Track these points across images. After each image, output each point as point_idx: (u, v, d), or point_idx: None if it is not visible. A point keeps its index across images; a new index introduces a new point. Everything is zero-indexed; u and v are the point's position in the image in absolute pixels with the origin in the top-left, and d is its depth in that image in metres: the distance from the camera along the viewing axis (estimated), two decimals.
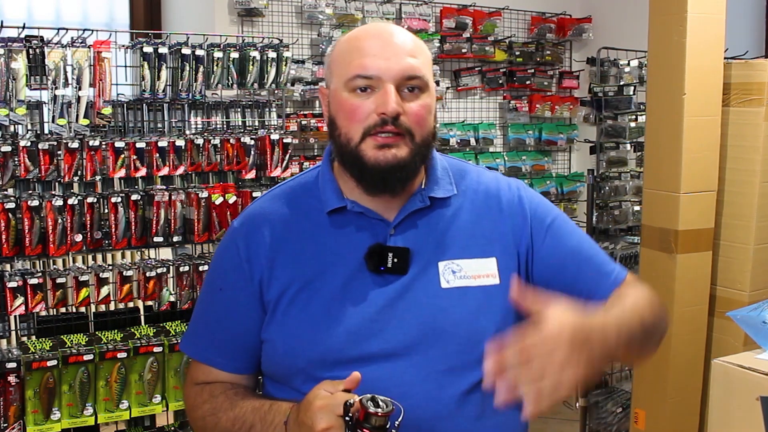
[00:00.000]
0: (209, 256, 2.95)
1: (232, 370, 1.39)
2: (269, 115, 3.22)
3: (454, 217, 1.35)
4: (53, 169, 2.61)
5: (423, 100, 1.28)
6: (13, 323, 2.65)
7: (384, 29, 1.31)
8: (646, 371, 2.74)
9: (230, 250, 1.37)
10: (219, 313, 1.39)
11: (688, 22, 2.49)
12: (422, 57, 1.30)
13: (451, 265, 1.31)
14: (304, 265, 1.31)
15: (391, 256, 1.28)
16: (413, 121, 1.27)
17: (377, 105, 1.25)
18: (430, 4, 4.49)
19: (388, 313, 1.28)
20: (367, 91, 1.27)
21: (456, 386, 1.27)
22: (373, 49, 1.27)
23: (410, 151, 1.27)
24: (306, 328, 1.28)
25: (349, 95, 1.27)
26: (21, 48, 2.54)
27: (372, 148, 1.26)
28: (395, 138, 1.26)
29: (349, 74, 1.27)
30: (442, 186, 1.36)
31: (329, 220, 1.33)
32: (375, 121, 1.25)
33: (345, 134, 1.28)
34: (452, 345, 1.27)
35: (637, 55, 3.89)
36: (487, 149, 4.71)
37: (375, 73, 1.26)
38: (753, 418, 1.55)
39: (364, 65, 1.26)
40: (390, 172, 1.26)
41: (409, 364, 1.26)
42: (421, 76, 1.28)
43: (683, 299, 2.61)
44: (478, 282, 1.31)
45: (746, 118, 2.60)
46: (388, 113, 1.24)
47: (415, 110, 1.27)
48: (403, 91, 1.27)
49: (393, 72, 1.26)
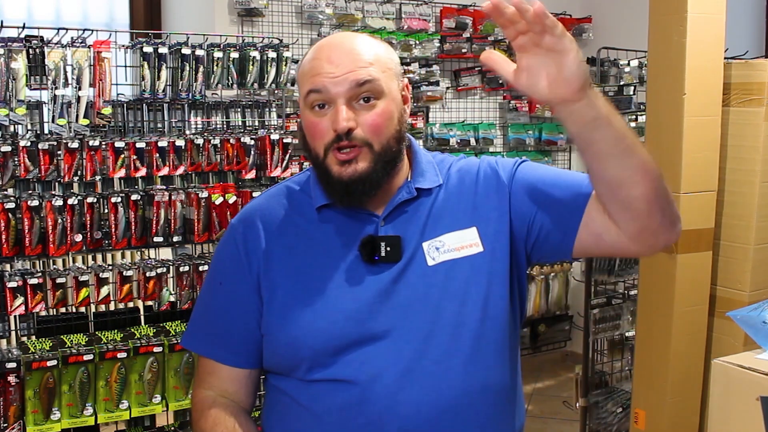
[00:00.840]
0: (209, 256, 2.95)
1: (234, 363, 1.41)
2: (269, 115, 3.22)
3: (437, 202, 1.39)
4: (53, 169, 2.61)
5: (378, 108, 1.30)
6: (13, 323, 2.65)
7: (339, 42, 1.34)
8: (646, 371, 2.74)
9: (229, 245, 1.42)
10: (219, 306, 1.43)
11: (688, 22, 2.49)
12: (377, 64, 1.31)
13: (434, 243, 1.35)
14: (299, 259, 1.35)
15: (384, 245, 1.32)
16: (369, 131, 1.29)
17: (332, 122, 1.29)
18: (430, 4, 4.49)
19: (384, 297, 1.31)
20: (324, 107, 1.30)
21: (453, 359, 1.30)
22: (324, 65, 1.30)
23: (371, 160, 1.30)
24: (307, 318, 1.31)
25: (310, 113, 1.32)
26: (21, 48, 2.54)
27: (335, 164, 1.31)
28: (354, 151, 1.29)
29: (305, 90, 1.32)
30: (427, 177, 1.40)
31: (321, 216, 1.38)
32: (332, 138, 1.29)
33: (313, 149, 1.34)
34: (445, 319, 1.31)
35: (637, 55, 3.89)
36: (487, 149, 4.71)
37: (322, 86, 1.29)
38: (753, 418, 1.55)
39: (315, 82, 1.30)
40: (353, 185, 1.30)
41: (405, 341, 1.29)
42: (371, 81, 1.29)
43: (683, 299, 2.61)
44: (462, 253, 1.34)
45: (746, 118, 2.60)
46: (338, 130, 1.28)
47: (370, 121, 1.29)
48: (358, 103, 1.29)
49: (342, 87, 1.28)
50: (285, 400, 1.36)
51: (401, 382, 1.27)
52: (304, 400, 1.33)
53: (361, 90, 1.29)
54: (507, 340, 1.38)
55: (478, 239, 1.36)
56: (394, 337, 1.29)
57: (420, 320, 1.30)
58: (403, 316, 1.30)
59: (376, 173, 1.31)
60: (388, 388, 1.27)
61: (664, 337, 2.61)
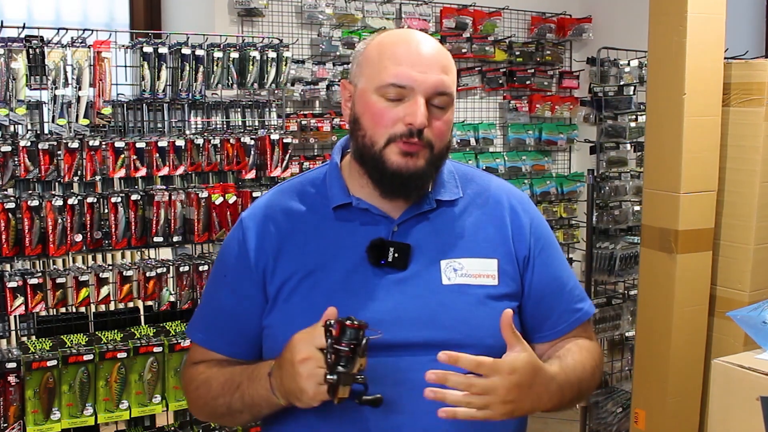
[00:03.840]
0: (209, 256, 2.95)
1: (230, 354, 1.42)
2: (269, 115, 3.22)
3: (460, 220, 1.39)
4: (53, 169, 2.61)
5: (446, 116, 1.34)
6: (13, 323, 2.65)
7: (422, 40, 1.35)
8: (646, 371, 2.74)
9: (236, 239, 1.42)
10: (222, 298, 1.43)
11: (688, 22, 2.49)
12: (452, 74, 1.35)
13: (453, 263, 1.35)
14: (308, 257, 1.35)
15: (392, 250, 1.32)
16: (436, 135, 1.32)
17: (406, 114, 1.29)
18: (430, 4, 4.49)
19: (390, 306, 1.31)
20: (396, 98, 1.30)
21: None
22: (410, 59, 1.31)
23: (427, 162, 1.32)
24: (307, 316, 1.30)
25: (378, 99, 1.31)
26: (21, 48, 2.54)
27: (396, 154, 1.30)
28: (417, 147, 1.30)
29: (383, 81, 1.31)
30: (448, 189, 1.40)
31: (334, 215, 1.38)
32: (402, 131, 1.29)
33: (370, 137, 1.32)
34: (451, 339, 1.30)
35: (637, 55, 3.88)
36: (487, 149, 4.71)
37: (408, 83, 1.29)
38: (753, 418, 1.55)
39: (399, 74, 1.30)
40: (410, 179, 1.31)
41: (408, 356, 1.29)
42: (449, 93, 1.33)
43: (683, 299, 2.61)
44: (478, 281, 1.35)
45: (746, 118, 2.60)
46: (416, 126, 1.28)
47: (439, 126, 1.32)
48: (431, 105, 1.31)
49: (426, 86, 1.30)
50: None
51: (400, 396, 1.27)
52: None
53: (438, 98, 1.31)
54: None
55: (496, 272, 1.37)
56: (394, 352, 1.28)
57: (426, 336, 1.30)
58: (408, 329, 1.30)
59: (429, 173, 1.33)
60: (386, 399, 1.25)
61: (664, 337, 2.61)
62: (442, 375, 1.17)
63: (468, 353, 1.28)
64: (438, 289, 1.33)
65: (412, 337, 1.29)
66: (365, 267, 1.33)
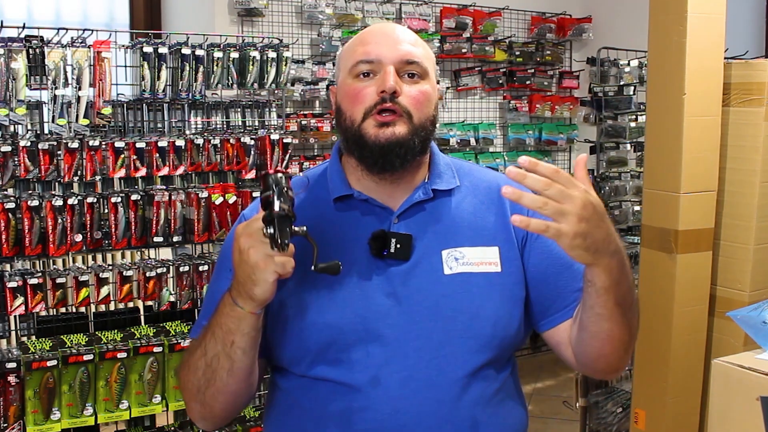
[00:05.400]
0: (209, 256, 2.95)
1: None
2: (269, 115, 3.22)
3: (458, 209, 1.39)
4: (53, 169, 2.61)
5: (422, 86, 1.34)
6: (13, 323, 2.65)
7: (387, 24, 1.39)
8: (646, 371, 2.74)
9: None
10: (224, 289, 1.39)
11: (688, 22, 2.49)
12: (423, 49, 1.37)
13: (454, 252, 1.35)
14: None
15: (394, 241, 1.32)
16: (411, 102, 1.32)
17: (378, 86, 1.31)
18: (430, 4, 4.49)
19: (392, 298, 1.31)
20: (369, 75, 1.33)
21: (458, 371, 1.29)
22: (375, 38, 1.35)
23: (408, 130, 1.32)
24: (312, 309, 1.31)
25: (353, 81, 1.34)
26: (21, 48, 2.54)
27: (372, 127, 1.31)
28: (393, 116, 1.31)
29: (353, 61, 1.34)
30: (444, 179, 1.40)
31: (335, 207, 1.38)
32: (375, 101, 1.31)
33: (349, 117, 1.34)
34: (455, 330, 1.30)
35: (637, 55, 3.89)
36: (487, 149, 4.71)
37: (375, 57, 1.32)
38: (753, 418, 1.55)
39: (367, 51, 1.34)
40: (389, 148, 1.31)
41: (411, 348, 1.29)
42: (419, 62, 1.34)
43: (683, 299, 2.61)
44: (480, 269, 1.34)
45: (746, 118, 2.60)
46: (386, 90, 1.30)
47: (413, 93, 1.33)
48: (403, 76, 1.33)
49: (393, 56, 1.32)
50: (287, 401, 1.36)
51: (403, 390, 1.27)
52: (306, 401, 1.32)
53: (408, 67, 1.33)
54: (511, 359, 1.40)
55: (498, 259, 1.36)
56: (401, 342, 1.29)
57: (429, 328, 1.30)
58: (412, 320, 1.30)
59: (412, 141, 1.32)
60: (389, 395, 1.26)
61: (664, 337, 2.61)
62: (521, 173, 1.08)
63: (470, 344, 1.30)
64: (440, 279, 1.32)
65: (416, 328, 1.29)
66: (368, 259, 1.33)
